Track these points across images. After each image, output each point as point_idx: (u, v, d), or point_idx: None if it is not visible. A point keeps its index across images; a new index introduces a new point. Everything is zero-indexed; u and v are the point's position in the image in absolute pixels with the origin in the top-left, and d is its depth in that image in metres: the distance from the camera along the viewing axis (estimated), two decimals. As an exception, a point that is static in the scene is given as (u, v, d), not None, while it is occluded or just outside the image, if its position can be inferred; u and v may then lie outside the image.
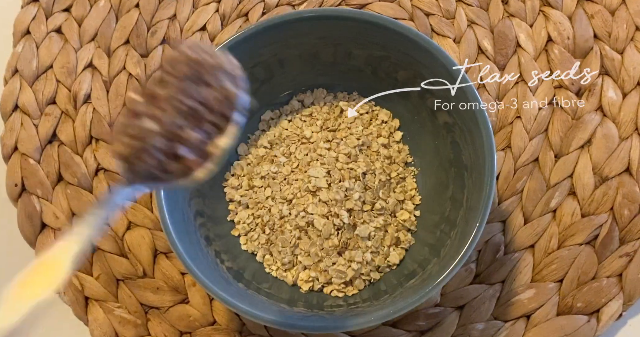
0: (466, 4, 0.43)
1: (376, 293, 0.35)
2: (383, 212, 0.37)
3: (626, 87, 0.40)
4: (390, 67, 0.37)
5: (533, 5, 0.43)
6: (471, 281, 0.37)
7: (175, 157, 0.22)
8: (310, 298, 0.36)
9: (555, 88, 0.41)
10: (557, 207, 0.38)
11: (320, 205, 0.36)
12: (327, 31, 0.35)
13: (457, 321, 0.37)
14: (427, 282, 0.30)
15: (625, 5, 0.42)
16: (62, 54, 0.44)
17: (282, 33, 0.34)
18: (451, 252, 0.31)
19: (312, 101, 0.40)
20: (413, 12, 0.43)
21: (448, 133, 0.36)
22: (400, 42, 0.33)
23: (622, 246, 0.37)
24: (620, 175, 0.39)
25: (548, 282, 0.37)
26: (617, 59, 0.41)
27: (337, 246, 0.35)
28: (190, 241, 0.33)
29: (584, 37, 0.41)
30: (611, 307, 0.36)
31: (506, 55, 0.42)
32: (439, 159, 0.37)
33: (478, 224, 0.30)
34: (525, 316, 0.37)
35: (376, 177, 0.37)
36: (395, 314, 0.30)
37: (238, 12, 0.44)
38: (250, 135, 0.40)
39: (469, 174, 0.33)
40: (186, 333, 0.37)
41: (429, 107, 0.36)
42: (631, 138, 0.39)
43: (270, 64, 0.37)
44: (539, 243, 0.38)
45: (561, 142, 0.40)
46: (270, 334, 0.37)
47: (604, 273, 0.37)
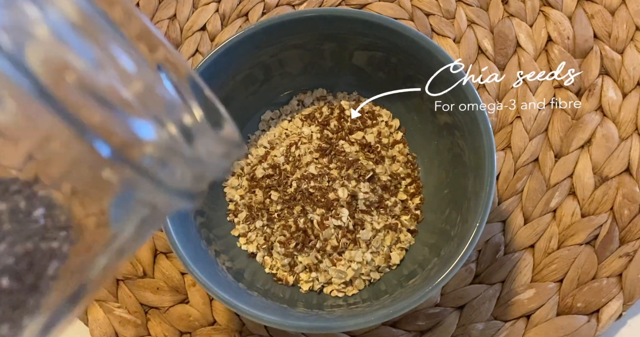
0: (466, 4, 0.43)
1: (376, 293, 0.35)
2: (384, 213, 0.37)
3: (626, 87, 0.40)
4: (390, 67, 0.37)
5: (533, 5, 0.43)
6: (471, 281, 0.37)
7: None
8: (310, 298, 0.36)
9: (555, 88, 0.41)
10: (557, 207, 0.38)
11: (320, 205, 0.36)
12: (327, 31, 0.35)
13: (457, 321, 0.37)
14: (427, 282, 0.30)
15: (625, 5, 0.42)
16: (62, 54, 0.44)
17: (282, 33, 0.34)
18: (451, 252, 0.31)
19: (312, 101, 0.40)
20: (413, 12, 0.43)
21: (448, 133, 0.36)
22: (400, 42, 0.33)
23: (622, 246, 0.37)
24: (620, 175, 0.39)
25: (548, 282, 0.37)
26: (617, 59, 0.41)
27: (337, 246, 0.35)
28: (191, 241, 0.33)
29: (584, 37, 0.41)
30: (611, 307, 0.36)
31: (506, 55, 0.42)
32: (439, 159, 0.37)
33: (478, 224, 0.30)
34: (525, 316, 0.37)
35: (377, 177, 0.37)
36: (395, 314, 0.30)
37: (238, 12, 0.44)
38: (250, 135, 0.40)
39: (469, 174, 0.33)
40: (186, 333, 0.37)
41: (429, 107, 0.36)
42: (631, 138, 0.39)
43: (270, 64, 0.37)
44: (539, 243, 0.38)
45: (561, 142, 0.40)
46: (270, 334, 0.37)
47: (604, 273, 0.37)
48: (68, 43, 0.12)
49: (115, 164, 0.12)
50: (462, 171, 0.34)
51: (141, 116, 0.12)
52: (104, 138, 0.12)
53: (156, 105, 0.13)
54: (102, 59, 0.12)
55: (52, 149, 0.13)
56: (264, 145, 0.39)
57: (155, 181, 0.13)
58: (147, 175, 0.13)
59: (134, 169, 0.12)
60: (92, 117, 0.12)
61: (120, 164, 0.12)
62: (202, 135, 0.14)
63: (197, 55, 0.43)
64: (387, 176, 0.38)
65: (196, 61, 0.43)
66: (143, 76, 0.13)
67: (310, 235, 0.36)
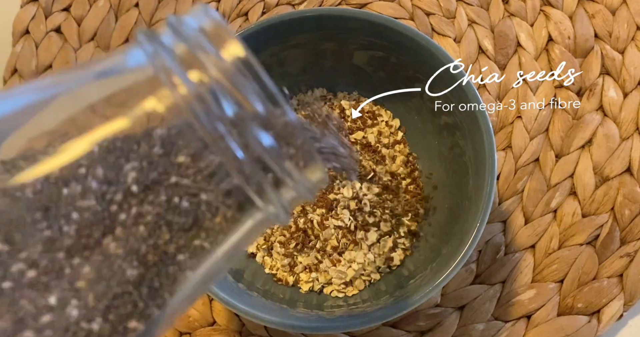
0: (467, 3, 0.43)
1: (376, 293, 0.35)
2: (384, 213, 0.36)
3: (627, 86, 0.40)
4: (390, 66, 0.37)
5: (534, 5, 0.43)
6: (471, 281, 0.37)
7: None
8: (310, 298, 0.36)
9: (556, 88, 0.41)
10: (557, 207, 0.38)
11: (321, 205, 0.36)
12: (327, 31, 0.35)
13: (457, 322, 0.37)
14: (428, 283, 0.30)
15: (626, 5, 0.42)
16: (62, 54, 0.43)
17: (282, 33, 0.34)
18: (451, 252, 0.31)
19: (312, 101, 0.40)
20: (413, 12, 0.43)
21: (449, 133, 0.36)
22: (401, 41, 0.33)
23: (623, 246, 0.37)
24: (621, 175, 0.38)
25: (549, 282, 0.37)
26: (617, 59, 0.41)
27: (338, 247, 0.35)
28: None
29: (584, 37, 0.41)
30: (612, 308, 0.36)
31: (507, 54, 0.42)
32: (440, 159, 0.37)
33: (478, 224, 0.30)
34: (525, 316, 0.37)
35: (377, 177, 0.37)
36: (396, 314, 0.30)
37: (238, 11, 0.44)
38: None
39: (469, 174, 0.33)
40: (186, 333, 0.37)
41: (430, 107, 0.36)
42: (632, 138, 0.39)
43: (270, 63, 0.37)
44: (539, 243, 0.38)
45: (562, 142, 0.39)
46: (270, 334, 0.37)
47: (604, 273, 0.37)
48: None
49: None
50: (463, 170, 0.34)
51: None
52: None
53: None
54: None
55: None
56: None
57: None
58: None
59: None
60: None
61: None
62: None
63: (197, 55, 0.43)
64: (388, 175, 0.38)
65: (196, 61, 0.43)
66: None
67: (310, 235, 0.36)
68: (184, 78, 0.14)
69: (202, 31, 0.16)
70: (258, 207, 0.15)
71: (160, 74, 0.14)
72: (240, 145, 0.14)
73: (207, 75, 0.15)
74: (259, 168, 0.14)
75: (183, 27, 0.16)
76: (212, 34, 0.16)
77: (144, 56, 0.15)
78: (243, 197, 0.15)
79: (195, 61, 0.15)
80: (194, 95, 0.14)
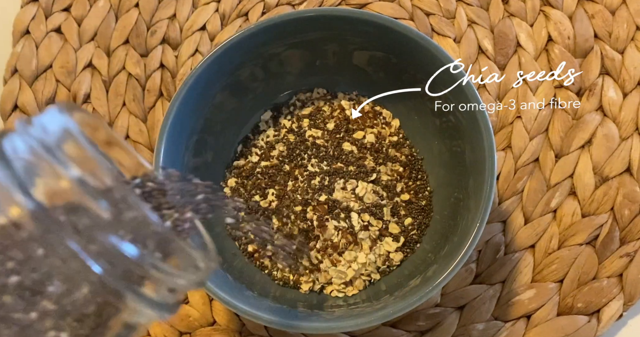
0: (466, 3, 0.43)
1: (376, 293, 0.35)
2: (385, 213, 0.36)
3: (627, 87, 0.40)
4: (390, 66, 0.37)
5: (533, 5, 0.43)
6: (471, 281, 0.37)
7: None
8: (310, 298, 0.36)
9: (556, 88, 0.41)
10: (557, 207, 0.38)
11: (321, 205, 0.36)
12: (327, 31, 0.35)
13: (457, 322, 0.37)
14: (428, 283, 0.30)
15: (625, 5, 0.42)
16: (62, 54, 0.44)
17: (282, 33, 0.34)
18: (451, 252, 0.31)
19: (312, 101, 0.40)
20: (413, 12, 0.43)
21: (449, 133, 0.36)
22: (401, 41, 0.33)
23: (623, 246, 0.37)
24: (620, 175, 0.38)
25: (548, 282, 0.37)
26: (617, 59, 0.41)
27: (338, 247, 0.35)
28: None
29: (584, 37, 0.41)
30: (612, 308, 0.36)
31: (506, 55, 0.42)
32: (440, 159, 0.37)
33: (478, 224, 0.30)
34: (525, 316, 0.37)
35: (377, 177, 0.37)
36: (396, 314, 0.30)
37: (238, 11, 0.44)
38: (250, 136, 0.40)
39: (469, 174, 0.33)
40: (186, 333, 0.37)
41: (430, 107, 0.36)
42: (632, 138, 0.39)
43: (270, 63, 0.37)
44: (539, 243, 0.38)
45: (561, 142, 0.39)
46: (270, 334, 0.37)
47: (604, 273, 0.37)
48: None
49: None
50: (462, 170, 0.34)
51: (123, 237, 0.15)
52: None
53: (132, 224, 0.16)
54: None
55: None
56: (263, 145, 0.39)
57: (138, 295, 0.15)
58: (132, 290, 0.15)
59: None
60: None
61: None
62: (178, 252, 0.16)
63: (197, 55, 0.43)
64: (388, 175, 0.38)
65: (196, 61, 0.43)
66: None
67: (310, 235, 0.36)
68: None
69: (47, 137, 0.16)
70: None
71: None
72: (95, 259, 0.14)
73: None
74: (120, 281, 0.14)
75: (31, 130, 0.16)
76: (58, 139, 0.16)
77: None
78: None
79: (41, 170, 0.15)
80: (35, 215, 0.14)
